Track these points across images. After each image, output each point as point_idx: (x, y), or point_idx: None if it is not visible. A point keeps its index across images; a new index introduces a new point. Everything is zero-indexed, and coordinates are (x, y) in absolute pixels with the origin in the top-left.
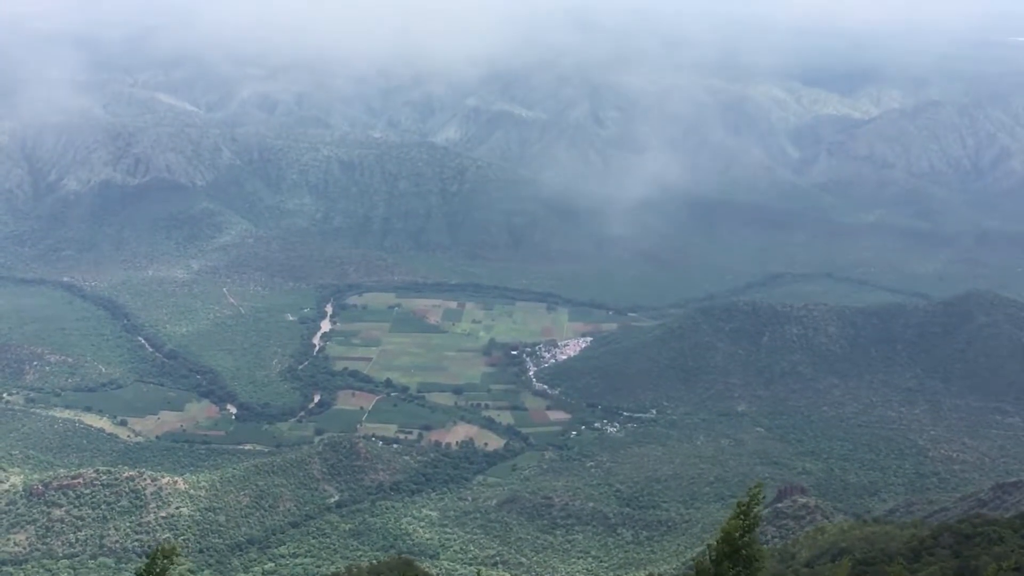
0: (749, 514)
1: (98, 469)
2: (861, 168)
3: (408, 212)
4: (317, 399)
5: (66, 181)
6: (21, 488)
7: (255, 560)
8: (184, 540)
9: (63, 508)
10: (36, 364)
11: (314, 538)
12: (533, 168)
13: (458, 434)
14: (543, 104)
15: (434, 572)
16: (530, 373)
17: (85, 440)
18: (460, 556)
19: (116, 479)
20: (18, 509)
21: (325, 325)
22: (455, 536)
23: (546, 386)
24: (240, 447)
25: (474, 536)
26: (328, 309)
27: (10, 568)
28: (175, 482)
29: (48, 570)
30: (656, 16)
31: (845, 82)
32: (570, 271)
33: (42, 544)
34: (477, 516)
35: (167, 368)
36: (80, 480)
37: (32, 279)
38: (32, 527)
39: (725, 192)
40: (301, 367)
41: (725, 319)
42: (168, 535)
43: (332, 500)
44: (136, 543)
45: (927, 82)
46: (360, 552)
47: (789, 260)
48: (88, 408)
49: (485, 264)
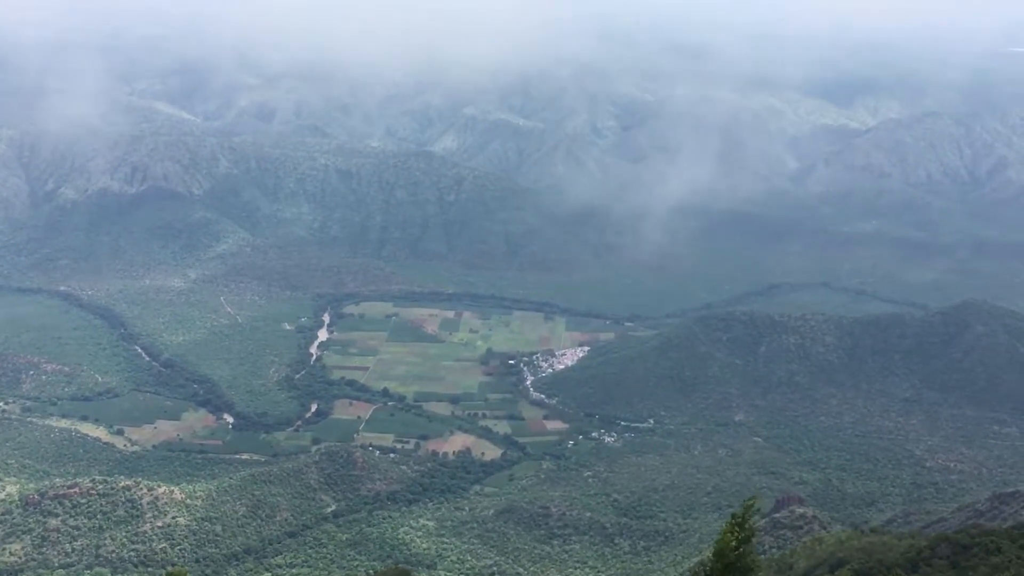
0: (743, 527)
1: (94, 479)
2: (858, 178)
3: (406, 221)
4: (314, 408)
5: (63, 190)
6: (17, 497)
7: (252, 570)
8: (180, 550)
9: (59, 518)
10: (33, 373)
11: (311, 548)
12: (531, 177)
13: (455, 444)
14: (540, 114)
15: None
16: (527, 383)
17: (81, 449)
18: (457, 566)
19: (112, 488)
20: (14, 519)
21: (322, 334)
22: (452, 546)
23: (543, 396)
24: (237, 456)
25: (471, 546)
26: (325, 318)
27: None
28: (171, 492)
29: None
30: (653, 27)
31: (843, 92)
32: (567, 280)
33: (38, 554)
34: (474, 526)
35: (164, 377)
36: (76, 490)
37: (29, 288)
38: (28, 537)
39: (723, 202)
40: (298, 376)
41: (722, 329)
42: (164, 545)
43: (329, 510)
44: (132, 553)
45: (924, 92)
46: (357, 562)
47: (786, 270)
48: (84, 417)
49: (482, 273)
